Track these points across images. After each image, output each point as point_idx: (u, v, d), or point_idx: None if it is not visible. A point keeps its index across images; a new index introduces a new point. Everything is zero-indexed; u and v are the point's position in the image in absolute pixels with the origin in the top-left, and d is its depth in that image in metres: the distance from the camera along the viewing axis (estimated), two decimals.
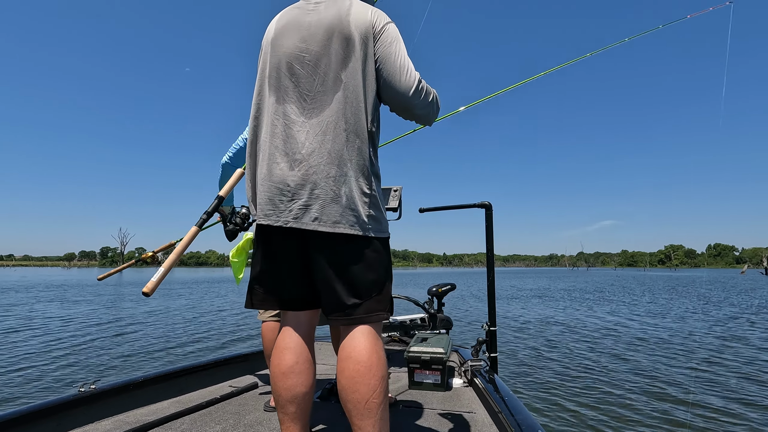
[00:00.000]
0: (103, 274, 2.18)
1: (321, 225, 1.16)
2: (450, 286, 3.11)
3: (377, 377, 1.14)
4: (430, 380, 2.39)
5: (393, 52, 1.23)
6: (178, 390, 2.27)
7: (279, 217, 1.19)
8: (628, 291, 23.59)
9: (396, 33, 1.27)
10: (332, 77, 1.20)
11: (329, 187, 1.16)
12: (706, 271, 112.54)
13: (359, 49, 1.21)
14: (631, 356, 6.75)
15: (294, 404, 1.22)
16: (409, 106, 1.27)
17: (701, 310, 13.75)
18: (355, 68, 1.20)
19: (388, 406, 1.19)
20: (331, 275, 1.19)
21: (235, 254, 2.09)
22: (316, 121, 1.19)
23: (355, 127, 1.19)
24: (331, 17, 1.23)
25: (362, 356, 1.15)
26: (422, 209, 2.93)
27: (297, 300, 1.27)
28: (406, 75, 1.23)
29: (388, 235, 1.30)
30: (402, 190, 2.21)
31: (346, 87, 1.19)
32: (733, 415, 4.11)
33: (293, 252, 1.23)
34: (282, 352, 1.24)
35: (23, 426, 1.59)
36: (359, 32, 1.21)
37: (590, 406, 4.34)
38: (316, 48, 1.23)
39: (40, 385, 4.96)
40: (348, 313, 1.19)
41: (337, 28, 1.22)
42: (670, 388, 4.96)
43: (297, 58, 1.24)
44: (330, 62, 1.20)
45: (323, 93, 1.20)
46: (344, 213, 1.16)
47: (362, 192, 1.19)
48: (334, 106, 1.19)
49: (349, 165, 1.18)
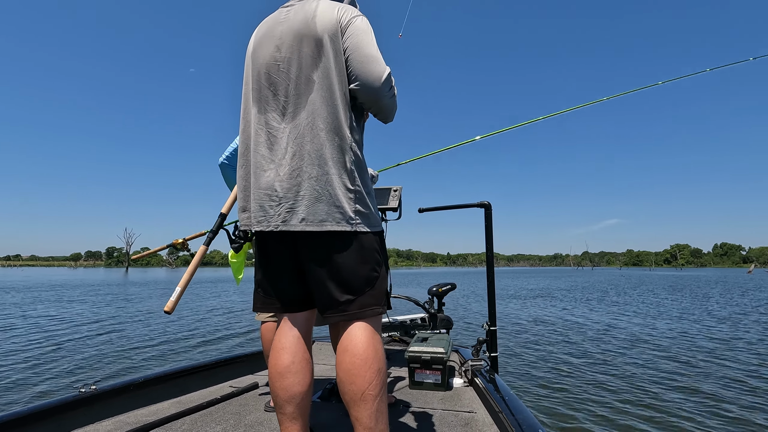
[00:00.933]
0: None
1: (308, 225, 1.19)
2: (450, 286, 3.11)
3: (373, 370, 1.17)
4: (430, 380, 2.40)
5: (362, 42, 1.24)
6: (178, 390, 2.27)
7: (269, 223, 1.22)
8: (631, 290, 23.46)
9: (365, 25, 1.28)
10: (304, 79, 1.23)
11: (312, 187, 1.19)
12: (713, 270, 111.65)
13: (328, 47, 1.23)
14: (632, 356, 6.72)
15: (292, 404, 1.24)
16: (378, 96, 1.27)
17: (703, 309, 13.66)
18: (326, 67, 1.22)
19: (386, 398, 1.21)
20: (322, 273, 1.22)
21: (233, 254, 2.09)
22: (293, 124, 1.23)
23: (333, 125, 1.22)
24: (299, 21, 1.26)
25: (358, 349, 1.18)
26: (421, 209, 2.93)
27: (295, 301, 1.30)
28: (376, 64, 1.24)
29: (380, 229, 1.32)
30: (402, 190, 2.21)
31: (319, 87, 1.22)
32: (734, 415, 4.08)
33: (287, 255, 1.27)
34: (278, 352, 1.26)
35: (24, 427, 1.59)
36: (326, 30, 1.23)
37: (590, 406, 4.33)
38: (287, 54, 1.26)
39: (41, 386, 4.96)
40: (342, 309, 1.21)
41: (304, 30, 1.24)
42: (670, 389, 4.94)
43: (272, 67, 1.28)
44: (301, 65, 1.24)
45: (297, 96, 1.23)
46: (329, 211, 1.19)
47: (346, 188, 1.22)
48: (309, 107, 1.22)
49: (330, 163, 1.20)
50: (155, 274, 60.04)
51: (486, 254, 2.68)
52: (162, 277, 43.88)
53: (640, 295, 19.85)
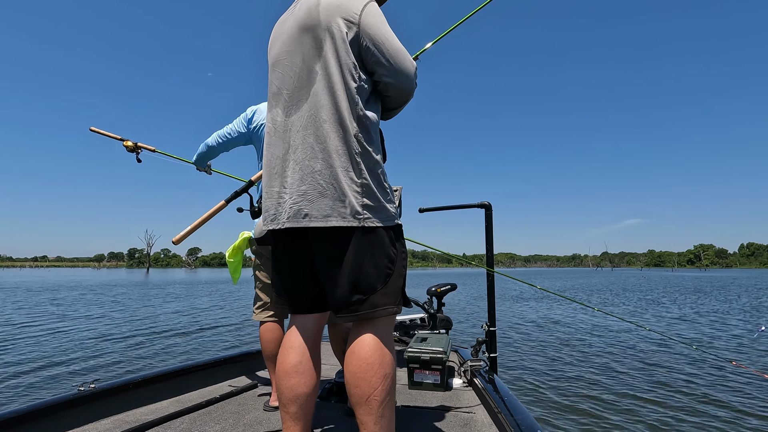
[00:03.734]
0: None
1: (312, 221, 1.15)
2: (450, 286, 3.08)
3: (379, 375, 1.12)
4: (429, 380, 2.39)
5: (387, 34, 1.19)
6: (177, 389, 2.27)
7: (278, 221, 1.20)
8: (649, 291, 22.90)
9: (379, 12, 1.22)
10: (306, 71, 1.20)
11: (316, 182, 1.15)
12: (739, 271, 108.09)
13: (331, 36, 1.17)
14: (633, 356, 6.65)
15: (296, 404, 1.22)
16: (410, 89, 1.25)
17: (721, 310, 13.28)
18: (328, 57, 1.17)
19: (393, 404, 1.17)
20: (331, 272, 1.18)
21: (231, 254, 2.11)
22: (297, 117, 1.20)
23: (337, 116, 1.16)
24: (302, 13, 1.22)
25: (364, 353, 1.14)
26: (422, 209, 2.93)
27: (307, 303, 1.27)
28: (406, 57, 1.22)
29: (395, 223, 1.23)
30: (402, 190, 2.22)
31: (322, 78, 1.17)
32: (736, 417, 4.00)
33: (298, 254, 1.24)
34: (287, 351, 1.25)
35: (23, 425, 1.59)
36: (331, 19, 1.17)
37: (590, 406, 4.32)
38: (291, 47, 1.24)
39: (41, 385, 4.97)
40: (353, 309, 1.16)
41: (307, 21, 1.20)
42: (670, 389, 4.89)
43: (279, 62, 1.26)
44: (303, 57, 1.21)
45: (299, 89, 1.20)
46: (334, 206, 1.14)
47: (352, 181, 1.15)
48: (311, 99, 1.18)
49: (335, 156, 1.14)
50: (174, 275, 61.23)
51: (486, 255, 2.67)
52: (180, 278, 44.74)
53: (658, 296, 19.37)
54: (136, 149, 2.10)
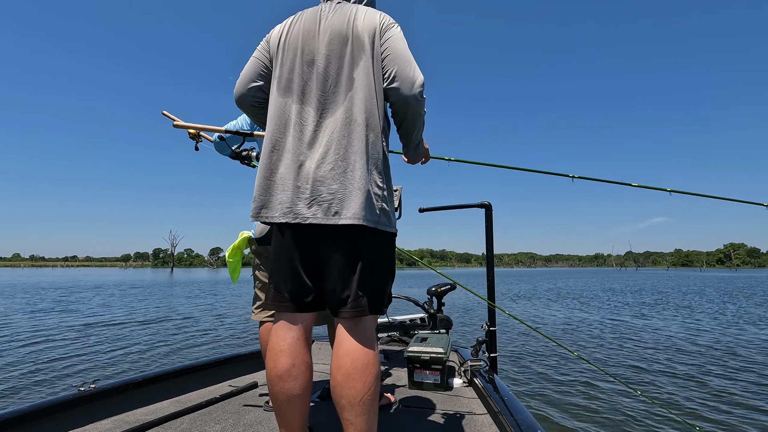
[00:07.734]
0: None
1: (342, 219, 1.17)
2: (450, 286, 3.07)
3: (373, 374, 1.16)
4: (429, 380, 2.38)
5: (402, 47, 1.29)
6: (177, 390, 2.27)
7: (297, 215, 1.20)
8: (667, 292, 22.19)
9: (401, 33, 1.33)
10: (345, 77, 1.26)
11: (346, 182, 1.19)
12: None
13: (369, 49, 1.27)
14: (633, 357, 6.56)
15: (291, 407, 1.22)
16: (412, 101, 1.28)
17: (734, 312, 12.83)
18: (366, 67, 1.26)
19: (378, 401, 1.21)
20: (340, 268, 1.21)
21: (230, 254, 2.14)
22: (332, 119, 1.23)
23: (370, 123, 1.23)
24: (341, 21, 1.30)
25: (360, 353, 1.17)
26: (422, 209, 2.92)
27: (307, 300, 1.27)
28: (415, 67, 1.28)
29: (395, 231, 1.32)
30: (401, 190, 2.23)
31: (358, 85, 1.24)
32: (736, 419, 3.91)
33: (304, 250, 1.25)
34: (277, 354, 1.22)
35: (23, 425, 1.58)
36: (368, 33, 1.28)
37: (590, 407, 4.28)
38: (327, 50, 1.28)
39: (40, 385, 4.97)
40: (354, 305, 1.20)
41: (347, 31, 1.28)
42: (671, 388, 4.84)
43: (311, 61, 1.29)
44: (342, 63, 1.27)
45: (335, 93, 1.25)
46: (359, 207, 1.17)
47: (377, 185, 1.23)
48: (347, 104, 1.24)
49: (364, 160, 1.20)
50: (197, 274, 62.80)
51: (486, 255, 2.64)
52: (203, 278, 45.67)
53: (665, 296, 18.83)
54: (197, 137, 2.13)
